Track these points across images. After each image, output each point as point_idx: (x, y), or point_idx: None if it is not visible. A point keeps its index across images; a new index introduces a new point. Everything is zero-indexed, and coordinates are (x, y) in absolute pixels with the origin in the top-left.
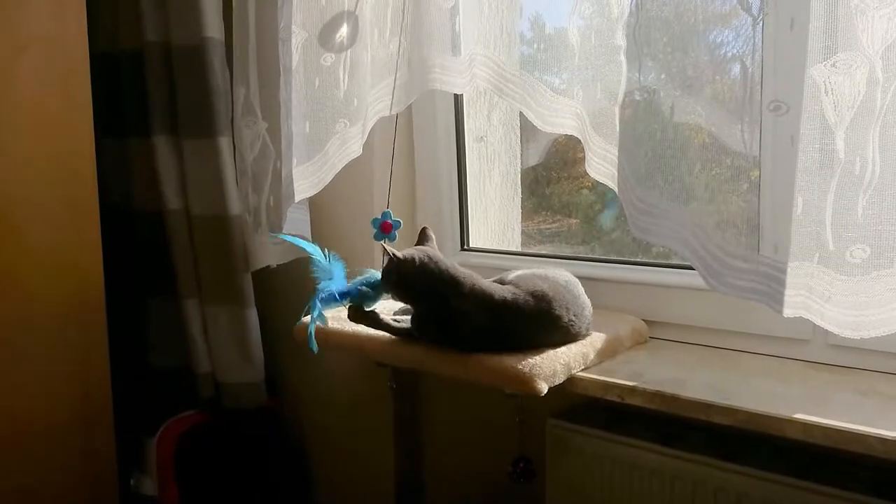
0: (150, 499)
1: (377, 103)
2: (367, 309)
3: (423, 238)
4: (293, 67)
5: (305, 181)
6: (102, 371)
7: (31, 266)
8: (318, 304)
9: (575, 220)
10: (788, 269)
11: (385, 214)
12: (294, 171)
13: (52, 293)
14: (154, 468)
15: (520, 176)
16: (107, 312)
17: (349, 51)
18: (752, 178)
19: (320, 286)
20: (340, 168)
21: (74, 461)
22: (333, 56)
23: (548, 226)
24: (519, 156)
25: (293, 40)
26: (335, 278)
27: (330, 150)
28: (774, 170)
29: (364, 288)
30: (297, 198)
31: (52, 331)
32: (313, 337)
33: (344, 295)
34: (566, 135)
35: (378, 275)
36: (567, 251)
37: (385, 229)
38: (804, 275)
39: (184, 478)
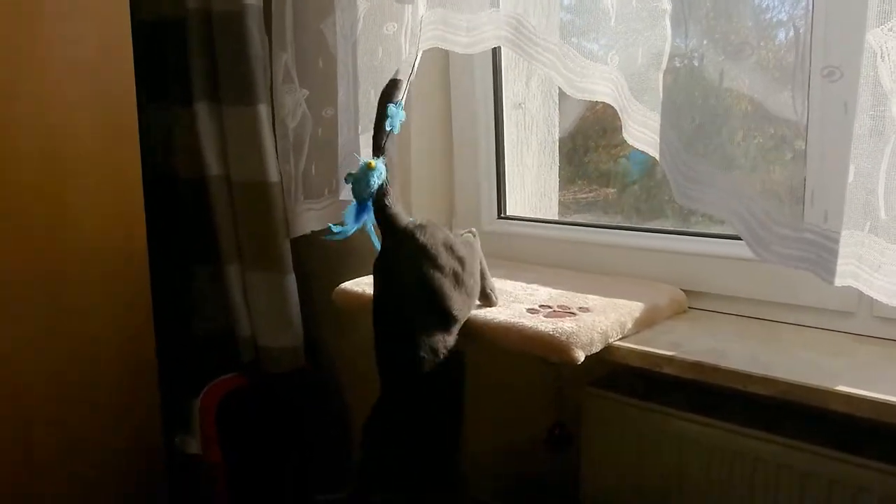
0: (194, 457)
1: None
2: None
3: None
4: (357, 35)
5: (368, 149)
6: (146, 334)
7: (75, 232)
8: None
9: (612, 191)
10: (840, 238)
11: None
12: (361, 139)
13: (97, 258)
14: (197, 428)
15: (557, 144)
16: (151, 278)
17: (411, 18)
18: (799, 145)
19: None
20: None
21: (120, 421)
22: (396, 24)
23: (584, 195)
24: (557, 124)
25: (358, 10)
26: None
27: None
28: (823, 137)
29: None
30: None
31: (98, 295)
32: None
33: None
34: (596, 109)
35: None
36: (605, 220)
37: None
38: (854, 243)
39: (226, 437)
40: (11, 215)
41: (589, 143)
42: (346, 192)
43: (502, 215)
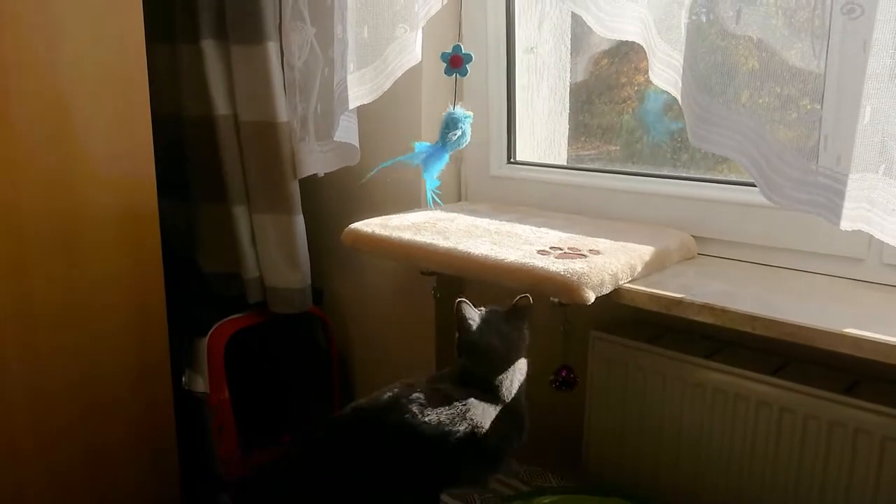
0: (201, 395)
1: (426, 5)
2: None
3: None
4: None
5: (362, 87)
6: (155, 272)
7: (85, 172)
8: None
9: (615, 148)
10: (849, 181)
11: (455, 48)
12: (349, 78)
13: (106, 198)
14: (205, 366)
15: (569, 91)
16: (160, 218)
17: None
18: (816, 86)
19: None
20: (400, 75)
21: (129, 358)
22: None
23: (587, 152)
24: (568, 70)
25: None
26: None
27: (389, 57)
28: (841, 78)
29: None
30: (353, 104)
31: (107, 234)
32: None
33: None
34: (609, 58)
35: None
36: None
37: (455, 63)
38: (867, 187)
39: (234, 376)
40: (20, 157)
41: (593, 98)
42: (338, 133)
43: (512, 160)
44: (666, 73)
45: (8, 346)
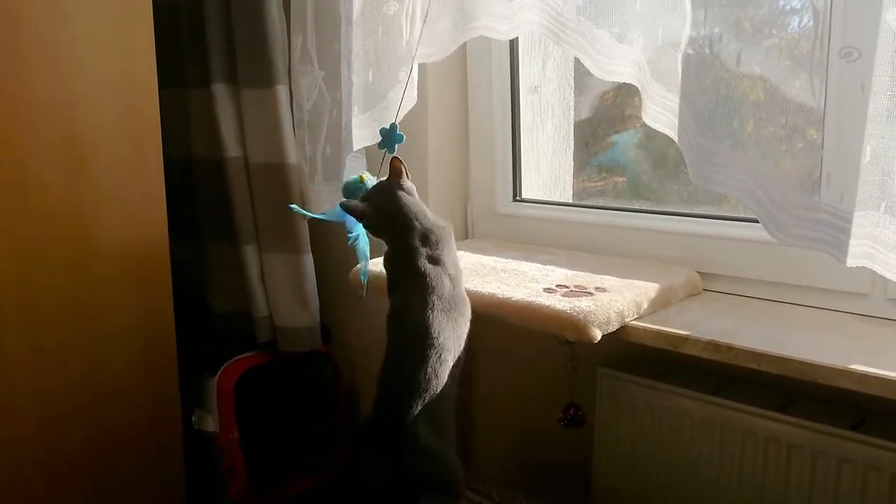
0: (211, 434)
1: (422, 47)
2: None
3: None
4: (354, 17)
5: (366, 130)
6: (166, 312)
7: (98, 211)
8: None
9: (622, 179)
10: (854, 219)
11: (392, 126)
12: (354, 120)
13: (119, 238)
14: (214, 405)
15: (573, 129)
16: (171, 257)
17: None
18: (817, 126)
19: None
20: (402, 117)
21: (139, 398)
22: (397, 4)
23: (594, 184)
24: (572, 108)
25: None
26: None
27: (392, 100)
28: (840, 118)
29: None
30: (356, 146)
31: (119, 274)
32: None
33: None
34: (614, 92)
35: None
36: (621, 203)
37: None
38: (869, 224)
39: (243, 415)
40: (35, 198)
41: (598, 131)
42: (346, 174)
43: (517, 198)
44: (661, 114)
45: (19, 401)
